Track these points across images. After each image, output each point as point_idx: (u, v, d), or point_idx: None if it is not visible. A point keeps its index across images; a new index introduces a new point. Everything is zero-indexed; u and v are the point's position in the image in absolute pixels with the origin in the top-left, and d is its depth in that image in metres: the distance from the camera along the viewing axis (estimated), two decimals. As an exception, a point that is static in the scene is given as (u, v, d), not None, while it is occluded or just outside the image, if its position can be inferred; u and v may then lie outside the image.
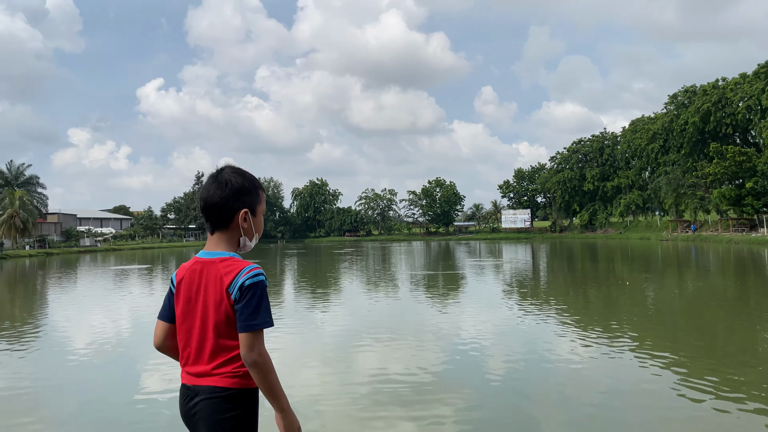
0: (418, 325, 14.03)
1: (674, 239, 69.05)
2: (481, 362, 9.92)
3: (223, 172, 2.27)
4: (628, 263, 37.12)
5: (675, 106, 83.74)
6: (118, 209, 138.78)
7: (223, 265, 2.15)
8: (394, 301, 19.22)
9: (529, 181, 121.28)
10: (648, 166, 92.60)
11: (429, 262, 41.77)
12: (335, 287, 24.51)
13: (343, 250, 66.97)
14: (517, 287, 23.01)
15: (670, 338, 11.94)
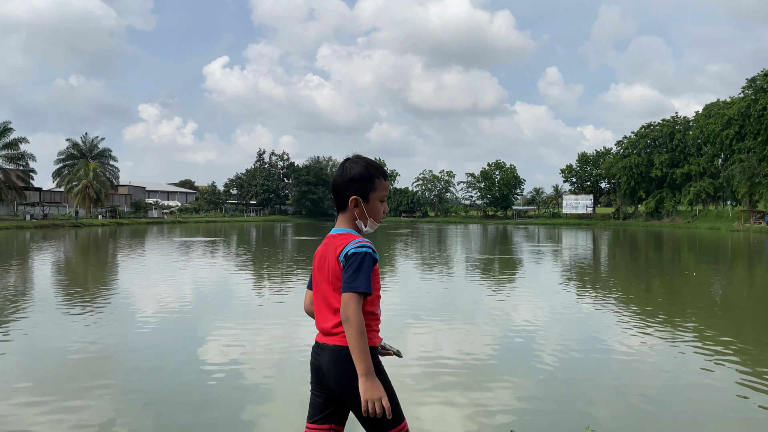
0: (471, 309, 14.02)
1: (746, 230, 65.64)
2: (533, 350, 9.85)
3: (348, 161, 2.58)
4: (695, 254, 35.63)
5: (753, 91, 78.89)
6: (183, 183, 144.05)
7: (340, 238, 2.46)
8: (449, 283, 19.24)
9: (593, 166, 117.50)
10: (721, 153, 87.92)
11: (485, 246, 41.42)
12: (390, 267, 24.72)
13: (399, 231, 67.24)
14: (576, 275, 22.55)
15: (735, 334, 11.47)
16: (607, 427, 6.14)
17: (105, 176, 79.95)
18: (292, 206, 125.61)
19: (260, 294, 16.42)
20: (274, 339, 10.24)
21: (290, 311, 13.00)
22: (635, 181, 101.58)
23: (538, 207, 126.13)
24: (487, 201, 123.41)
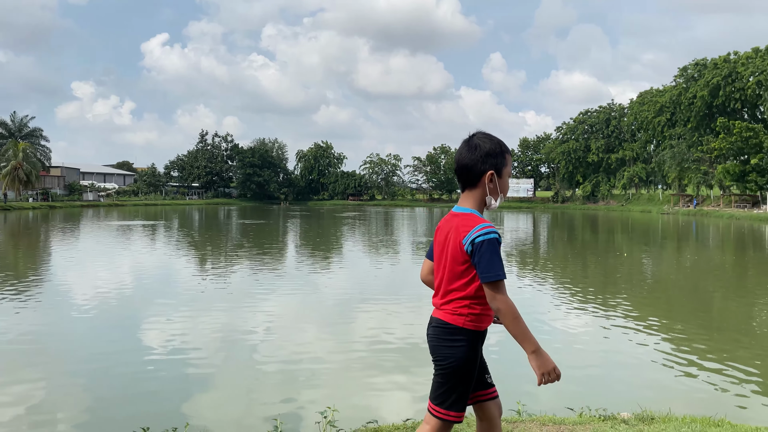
0: (418, 291, 14.24)
1: (675, 213, 69.10)
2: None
3: (475, 137, 2.53)
4: (628, 235, 37.27)
5: (684, 79, 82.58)
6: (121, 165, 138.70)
7: (463, 220, 2.45)
8: (396, 266, 19.43)
9: (534, 150, 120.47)
10: (654, 139, 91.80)
11: (431, 229, 41.98)
12: (338, 250, 24.73)
13: (346, 214, 67.18)
14: (517, 256, 23.20)
15: (665, 310, 12.13)
16: (544, 402, 6.40)
17: (35, 157, 75.96)
18: (237, 189, 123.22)
19: (203, 280, 16.12)
20: (218, 326, 10.11)
21: (235, 298, 12.84)
22: (573, 165, 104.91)
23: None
24: (433, 185, 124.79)
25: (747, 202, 64.26)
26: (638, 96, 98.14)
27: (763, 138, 62.74)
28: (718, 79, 74.55)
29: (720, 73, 74.76)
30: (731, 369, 7.76)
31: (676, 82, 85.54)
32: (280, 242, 28.89)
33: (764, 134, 63.40)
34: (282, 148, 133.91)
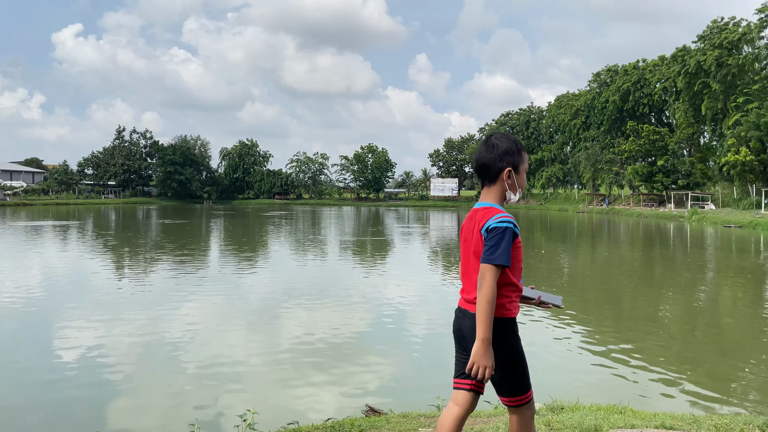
0: (345, 289, 14.25)
1: (590, 211, 72.76)
2: (404, 326, 10.27)
3: (492, 137, 2.66)
4: (547, 233, 38.89)
5: (597, 84, 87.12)
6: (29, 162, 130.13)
7: (483, 212, 2.57)
8: (322, 265, 19.37)
9: (458, 150, 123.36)
10: (570, 141, 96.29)
11: (358, 228, 42.08)
12: (263, 250, 24.35)
13: (272, 213, 66.20)
14: (442, 254, 23.69)
15: (580, 304, 12.77)
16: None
17: (-71, 153, 70.00)
18: (157, 188, 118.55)
19: (119, 283, 15.44)
20: (135, 330, 9.72)
21: (154, 301, 12.40)
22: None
23: (408, 190, 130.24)
24: (360, 183, 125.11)
25: (654, 201, 68.55)
26: (556, 99, 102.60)
27: (668, 141, 67.15)
28: (628, 84, 79.07)
29: (630, 79, 79.32)
30: (638, 359, 8.28)
31: (590, 86, 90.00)
32: (203, 243, 28.11)
33: (669, 137, 67.88)
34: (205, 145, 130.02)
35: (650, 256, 24.02)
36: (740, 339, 9.79)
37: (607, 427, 3.30)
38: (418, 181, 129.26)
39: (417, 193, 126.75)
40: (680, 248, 27.58)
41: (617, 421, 3.61)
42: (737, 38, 57.86)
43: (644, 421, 3.67)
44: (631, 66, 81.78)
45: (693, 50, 63.66)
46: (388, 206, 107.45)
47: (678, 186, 65.29)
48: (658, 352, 8.63)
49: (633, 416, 3.97)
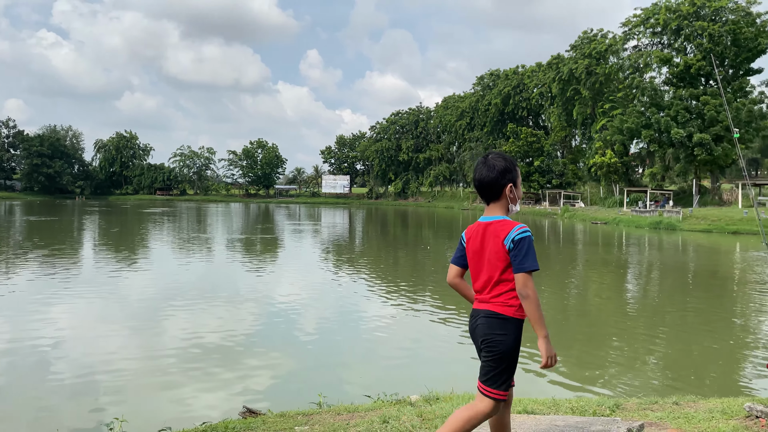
0: (232, 288, 13.91)
1: (474, 209, 76.29)
2: (296, 323, 10.22)
3: (489, 158, 2.93)
4: (434, 229, 40.24)
5: (481, 87, 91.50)
6: None
7: (499, 225, 2.80)
8: (208, 264, 18.74)
9: (350, 148, 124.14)
10: (456, 141, 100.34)
11: (247, 225, 41.11)
12: (143, 250, 23.11)
13: (154, 210, 62.89)
14: (333, 251, 23.78)
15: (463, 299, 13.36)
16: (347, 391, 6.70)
17: None
18: (21, 181, 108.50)
19: (-20, 285, 13.99)
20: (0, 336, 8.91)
21: (20, 304, 11.39)
22: (386, 163, 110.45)
23: (300, 186, 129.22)
24: (249, 179, 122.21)
25: (531, 199, 73.11)
26: (443, 100, 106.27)
27: (544, 143, 71.91)
28: (508, 88, 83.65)
29: (510, 84, 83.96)
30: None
31: (475, 89, 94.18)
32: (75, 242, 26.15)
33: (545, 139, 72.69)
34: (77, 136, 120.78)
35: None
36: (604, 327, 10.75)
37: (475, 414, 3.53)
38: (310, 178, 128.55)
39: (308, 189, 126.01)
40: (554, 243, 29.67)
41: (486, 408, 3.86)
42: (604, 49, 63.08)
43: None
44: (511, 71, 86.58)
45: (566, 59, 68.57)
46: (278, 203, 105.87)
47: (552, 185, 70.12)
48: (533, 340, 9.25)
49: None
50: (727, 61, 48.35)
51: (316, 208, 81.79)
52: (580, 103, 66.66)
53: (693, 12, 49.07)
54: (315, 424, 3.86)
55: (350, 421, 3.81)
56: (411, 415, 3.70)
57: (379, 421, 3.61)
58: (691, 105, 47.87)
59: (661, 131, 48.46)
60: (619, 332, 10.12)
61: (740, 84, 47.98)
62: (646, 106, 51.32)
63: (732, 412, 3.76)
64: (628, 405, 4.24)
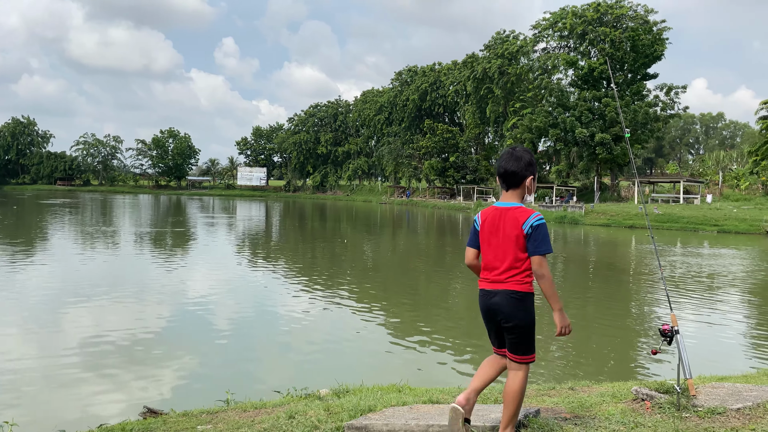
0: (139, 284, 13.34)
1: (392, 203, 77.17)
2: (208, 320, 9.97)
3: (516, 150, 3.19)
4: (352, 223, 40.37)
5: (399, 83, 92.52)
6: None
7: (518, 211, 3.06)
8: (114, 259, 17.86)
9: (267, 140, 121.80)
10: (374, 135, 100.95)
11: (156, 218, 39.45)
12: (42, 243, 21.66)
13: (54, 201, 58.96)
14: (249, 244, 23.33)
15: (381, 290, 13.55)
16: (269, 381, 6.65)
17: None
18: None
19: None
20: None
21: None
22: (304, 156, 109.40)
23: (214, 178, 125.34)
24: (159, 170, 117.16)
25: (447, 193, 74.91)
26: (362, 94, 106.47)
27: (459, 139, 73.78)
28: (426, 85, 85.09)
29: (427, 80, 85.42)
30: (427, 340, 9.07)
31: (393, 84, 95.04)
32: (-36, 235, 24.11)
33: (460, 136, 74.61)
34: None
35: (442, 244, 26.28)
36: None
37: (381, 406, 3.59)
38: (225, 170, 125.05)
39: (223, 181, 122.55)
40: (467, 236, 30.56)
41: (392, 399, 3.95)
42: (516, 50, 65.50)
43: (416, 398, 4.08)
44: (428, 68, 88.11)
45: (480, 58, 70.62)
46: (191, 195, 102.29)
47: (466, 181, 72.14)
48: (447, 333, 9.55)
49: (409, 393, 4.38)
50: (627, 66, 51.57)
51: (231, 201, 79.75)
52: (493, 102, 68.91)
53: (597, 18, 51.92)
54: (219, 423, 3.81)
55: (256, 417, 3.79)
56: (318, 409, 3.73)
57: (285, 416, 3.61)
58: (594, 106, 50.71)
59: (566, 130, 51.04)
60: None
61: (638, 88, 51.33)
62: (554, 107, 53.86)
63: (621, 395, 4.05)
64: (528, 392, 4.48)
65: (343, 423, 3.21)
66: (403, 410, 3.51)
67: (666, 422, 3.26)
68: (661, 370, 7.46)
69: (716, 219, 35.85)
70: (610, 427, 3.19)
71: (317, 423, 3.32)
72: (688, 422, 3.25)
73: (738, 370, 7.13)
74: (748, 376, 5.86)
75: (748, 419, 3.29)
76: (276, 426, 3.43)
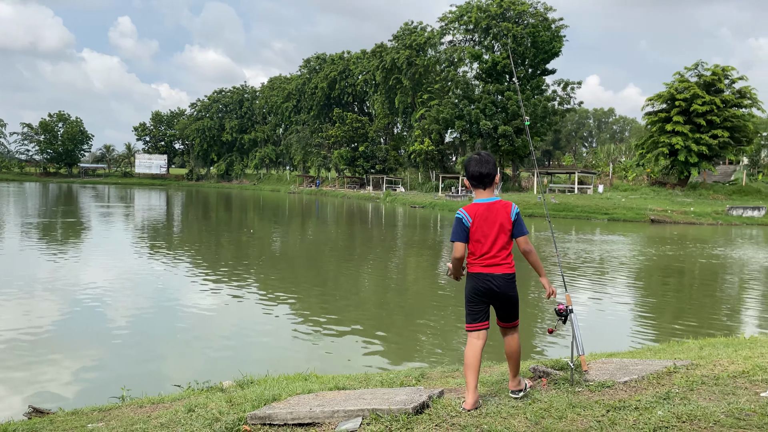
0: (26, 278, 12.35)
1: (300, 192, 76.33)
2: (104, 316, 9.39)
3: (483, 155, 3.70)
4: (259, 213, 39.54)
5: (308, 71, 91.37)
6: None
7: (502, 203, 3.57)
8: (-4, 252, 16.42)
9: (167, 125, 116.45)
10: (282, 123, 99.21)
11: (45, 207, 36.66)
12: None
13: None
14: (149, 236, 22.23)
15: (291, 281, 13.36)
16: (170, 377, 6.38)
17: None
18: None
19: None
20: None
21: None
22: (208, 143, 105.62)
23: (109, 165, 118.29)
24: (47, 156, 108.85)
25: (356, 183, 75.14)
26: (269, 81, 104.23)
27: (368, 129, 74.12)
28: (335, 73, 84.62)
29: (336, 69, 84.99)
30: (338, 328, 9.06)
31: (302, 72, 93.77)
32: None
33: (369, 126, 74.96)
34: None
35: (352, 233, 26.34)
36: (421, 304, 11.46)
37: (286, 395, 3.54)
38: (121, 157, 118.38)
39: (120, 169, 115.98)
40: (377, 226, 30.86)
41: (298, 387, 3.90)
42: (423, 41, 66.55)
43: (323, 385, 4.05)
44: (337, 56, 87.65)
45: (389, 48, 71.14)
46: (83, 183, 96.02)
47: (376, 170, 72.70)
48: (355, 322, 9.57)
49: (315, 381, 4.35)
50: (528, 61, 53.85)
51: (129, 190, 75.64)
52: (401, 92, 69.74)
53: (500, 13, 53.76)
54: (112, 420, 3.58)
55: (153, 413, 3.60)
56: (220, 401, 3.60)
57: (184, 410, 3.45)
58: (497, 99, 52.63)
59: (471, 122, 52.64)
60: (433, 309, 10.87)
61: (537, 82, 53.77)
62: (459, 99, 55.34)
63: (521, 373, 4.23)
64: (432, 374, 4.57)
65: (245, 413, 3.11)
66: (308, 398, 3.47)
67: (560, 397, 3.43)
68: (557, 349, 7.89)
69: (607, 208, 38.48)
70: (510, 404, 3.31)
71: (218, 415, 3.20)
72: (581, 396, 3.45)
73: (625, 347, 7.68)
74: (634, 352, 6.33)
75: (633, 391, 3.53)
76: (174, 420, 3.26)
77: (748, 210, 37.57)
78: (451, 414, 3.06)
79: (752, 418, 2.90)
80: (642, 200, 41.03)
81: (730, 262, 18.31)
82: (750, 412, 2.98)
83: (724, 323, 10.08)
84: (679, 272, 16.34)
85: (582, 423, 2.92)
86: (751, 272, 16.34)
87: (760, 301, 12.54)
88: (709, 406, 3.09)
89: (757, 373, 3.79)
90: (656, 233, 28.02)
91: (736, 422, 2.84)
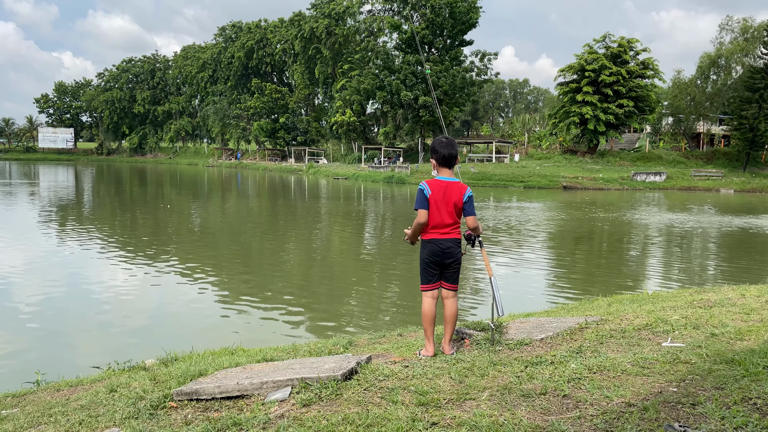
0: None
1: (219, 166, 74.08)
2: (11, 298, 8.83)
3: (449, 139, 4.17)
4: (176, 188, 38.13)
5: (224, 39, 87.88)
6: None
7: (458, 185, 4.01)
8: None
9: (73, 97, 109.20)
10: (198, 94, 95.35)
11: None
12: None
13: None
14: (57, 215, 20.97)
15: (212, 257, 13.05)
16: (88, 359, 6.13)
17: None
18: None
19: None
20: None
21: None
22: (118, 116, 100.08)
23: (9, 140, 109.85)
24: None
25: (277, 155, 73.78)
26: (182, 50, 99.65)
27: (288, 100, 72.68)
28: (252, 42, 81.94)
29: (253, 38, 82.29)
30: (263, 303, 8.98)
31: (216, 40, 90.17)
32: None
33: (289, 97, 73.51)
34: None
35: (275, 207, 25.96)
36: (345, 274, 11.53)
37: (213, 369, 3.49)
38: (22, 131, 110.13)
39: (21, 144, 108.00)
40: (300, 199, 30.56)
41: (225, 362, 3.87)
42: (342, 10, 65.56)
43: (250, 358, 4.03)
44: (254, 24, 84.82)
45: (308, 17, 69.60)
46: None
47: (298, 142, 71.65)
48: (280, 294, 9.51)
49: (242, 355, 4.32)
50: (446, 32, 54.30)
51: (33, 166, 70.69)
52: (321, 63, 68.64)
53: (418, -17, 53.71)
54: (28, 405, 3.41)
55: (71, 395, 3.46)
56: (143, 379, 3.51)
57: (106, 390, 3.34)
58: (417, 70, 52.89)
59: (392, 93, 52.70)
60: (359, 279, 10.97)
61: (456, 53, 54.40)
62: (380, 69, 55.15)
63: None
64: (360, 341, 4.65)
65: (171, 390, 3.05)
66: (236, 371, 3.44)
67: (482, 356, 3.59)
68: (479, 310, 8.21)
69: (522, 176, 39.94)
70: (435, 365, 3.43)
71: (142, 393, 3.11)
72: (501, 354, 3.62)
73: (542, 306, 8.10)
74: (549, 311, 6.69)
75: (549, 347, 3.75)
76: (95, 401, 3.15)
77: (650, 175, 40.19)
78: (379, 378, 3.13)
79: (655, 366, 3.17)
80: (555, 168, 42.86)
81: (635, 224, 19.58)
82: (653, 360, 3.26)
83: (630, 281, 10.82)
84: (589, 235, 17.31)
85: (503, 379, 3.08)
86: (653, 233, 17.57)
87: (661, 259, 13.54)
88: (617, 357, 3.34)
89: (659, 325, 4.12)
90: (568, 199, 29.45)
91: (641, 370, 3.09)
